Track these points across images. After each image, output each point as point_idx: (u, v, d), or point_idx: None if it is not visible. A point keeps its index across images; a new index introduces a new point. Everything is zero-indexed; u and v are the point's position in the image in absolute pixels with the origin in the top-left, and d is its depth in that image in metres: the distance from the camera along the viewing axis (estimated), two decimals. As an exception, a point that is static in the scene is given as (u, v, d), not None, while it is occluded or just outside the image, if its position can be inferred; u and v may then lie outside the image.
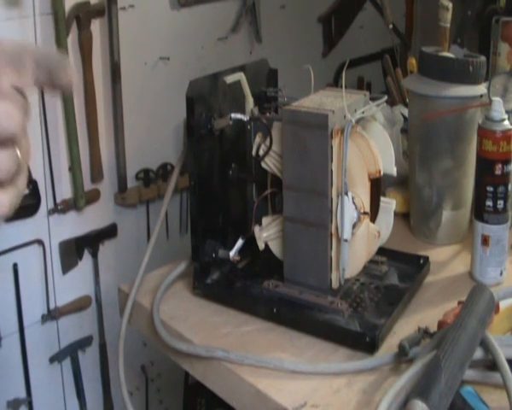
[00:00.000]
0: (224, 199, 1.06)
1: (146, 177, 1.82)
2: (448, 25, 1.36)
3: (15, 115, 0.47)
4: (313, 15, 2.27)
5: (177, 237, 1.91)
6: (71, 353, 1.77)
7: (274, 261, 1.01)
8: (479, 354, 0.79)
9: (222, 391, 0.90)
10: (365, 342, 0.89)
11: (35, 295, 1.67)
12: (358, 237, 0.94)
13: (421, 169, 1.18)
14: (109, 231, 1.78)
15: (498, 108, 1.00)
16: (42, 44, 1.54)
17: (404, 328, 0.94)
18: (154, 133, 1.83)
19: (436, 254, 1.13)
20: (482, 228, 1.03)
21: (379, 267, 1.05)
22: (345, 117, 0.92)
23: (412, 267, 1.07)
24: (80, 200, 1.65)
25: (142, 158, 1.81)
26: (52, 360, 1.74)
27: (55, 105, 1.60)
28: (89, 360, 1.82)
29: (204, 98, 0.99)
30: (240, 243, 1.04)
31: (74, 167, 1.63)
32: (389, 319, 0.93)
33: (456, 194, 1.18)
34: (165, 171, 1.85)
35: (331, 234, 0.93)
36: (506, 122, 1.00)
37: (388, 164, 0.96)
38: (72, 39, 1.60)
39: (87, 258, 1.74)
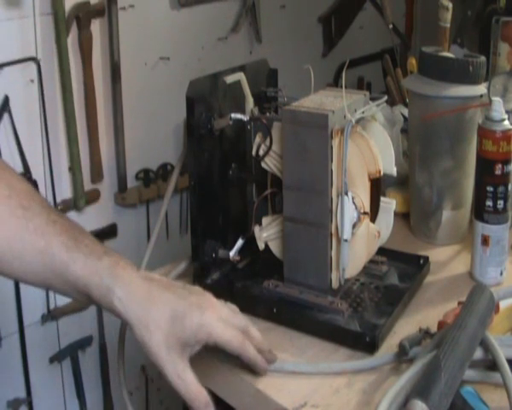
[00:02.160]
0: (224, 199, 1.06)
1: (146, 177, 1.82)
2: (448, 25, 1.36)
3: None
4: (313, 15, 2.27)
5: (177, 237, 1.91)
6: (71, 353, 1.77)
7: (274, 261, 1.01)
8: (479, 354, 0.79)
9: (222, 391, 0.90)
10: (365, 342, 0.89)
11: (35, 295, 1.67)
12: (358, 237, 0.94)
13: (421, 169, 1.18)
14: (109, 231, 1.78)
15: (498, 108, 1.00)
16: (42, 44, 1.55)
17: (404, 328, 0.94)
18: (154, 133, 1.83)
19: (436, 254, 1.13)
20: (482, 228, 1.03)
21: (379, 267, 1.05)
22: (345, 117, 0.92)
23: (412, 267, 1.07)
24: (80, 200, 1.65)
25: (142, 158, 1.81)
26: (52, 360, 1.74)
27: (55, 105, 1.60)
28: (89, 360, 1.82)
29: (204, 98, 0.99)
30: (240, 243, 1.04)
31: (74, 167, 1.63)
32: (389, 319, 0.93)
33: (456, 194, 1.18)
34: (165, 171, 1.86)
35: (331, 234, 0.93)
36: (506, 122, 1.00)
37: (388, 164, 0.96)
38: (72, 39, 1.60)
39: (87, 258, 1.74)
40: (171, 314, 0.76)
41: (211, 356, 0.89)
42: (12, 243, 0.76)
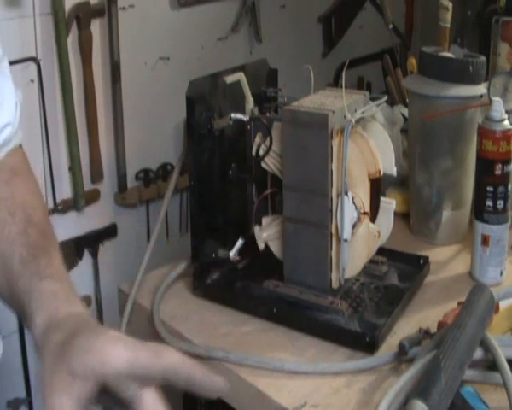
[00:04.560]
0: (224, 199, 1.06)
1: (146, 177, 1.82)
2: (448, 25, 1.36)
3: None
4: (313, 15, 2.26)
5: (177, 237, 1.91)
6: (71, 353, 1.77)
7: (274, 261, 1.01)
8: (479, 354, 0.79)
9: (222, 391, 0.90)
10: (365, 342, 0.89)
11: (35, 295, 1.67)
12: (358, 237, 0.94)
13: (421, 169, 1.18)
14: (109, 231, 1.78)
15: (498, 108, 1.00)
16: (42, 44, 1.55)
17: (404, 328, 0.94)
18: (154, 133, 1.83)
19: (436, 254, 1.13)
20: (482, 228, 1.03)
21: (379, 267, 1.05)
22: (345, 117, 0.92)
23: (412, 267, 1.07)
24: (80, 200, 1.65)
25: (142, 158, 1.81)
26: (52, 360, 1.74)
27: (55, 105, 1.60)
28: (89, 360, 1.82)
29: (204, 98, 0.99)
30: (240, 243, 1.04)
31: (74, 167, 1.63)
32: (389, 319, 0.93)
33: (456, 194, 1.18)
34: (165, 171, 1.85)
35: (331, 234, 0.93)
36: (506, 122, 1.00)
37: (388, 164, 0.96)
38: (72, 39, 1.60)
39: (87, 258, 1.74)
40: (64, 337, 0.64)
41: (211, 356, 0.89)
42: None
